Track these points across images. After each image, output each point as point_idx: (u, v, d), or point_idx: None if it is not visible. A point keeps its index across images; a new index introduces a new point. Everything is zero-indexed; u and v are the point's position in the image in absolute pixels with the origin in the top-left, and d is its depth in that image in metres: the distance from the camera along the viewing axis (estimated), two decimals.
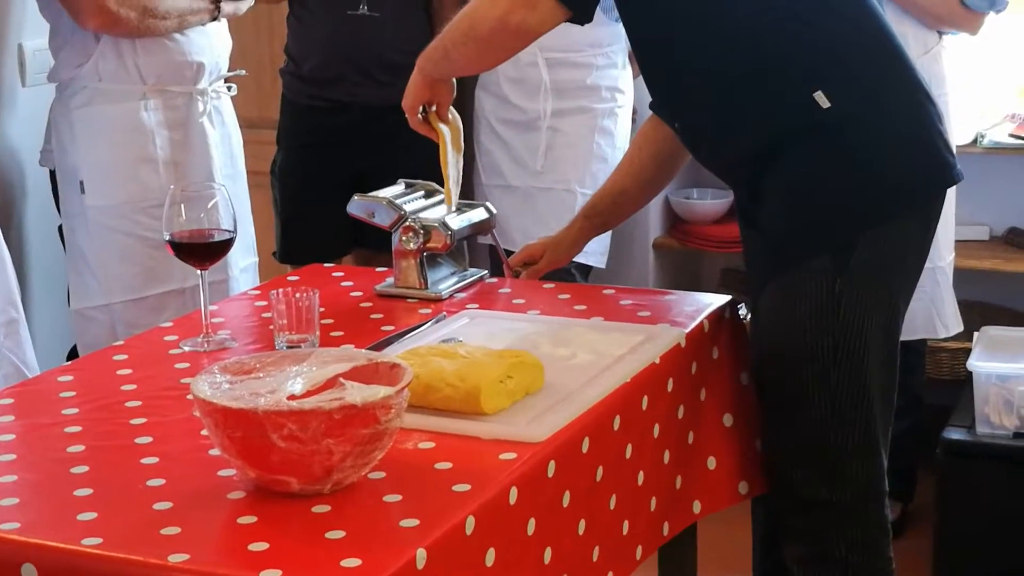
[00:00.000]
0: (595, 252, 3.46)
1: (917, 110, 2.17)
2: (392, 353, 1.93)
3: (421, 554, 1.46)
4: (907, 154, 2.15)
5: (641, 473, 2.00)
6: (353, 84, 3.39)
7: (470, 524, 1.54)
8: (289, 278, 2.54)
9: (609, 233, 3.48)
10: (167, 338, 2.18)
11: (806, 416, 2.18)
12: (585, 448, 1.81)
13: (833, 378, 2.15)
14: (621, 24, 2.27)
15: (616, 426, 1.90)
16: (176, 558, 1.45)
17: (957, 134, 3.23)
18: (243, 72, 3.15)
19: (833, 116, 2.09)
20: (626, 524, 1.96)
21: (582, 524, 1.82)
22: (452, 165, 2.39)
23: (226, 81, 3.08)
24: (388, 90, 3.42)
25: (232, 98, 3.13)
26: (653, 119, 2.45)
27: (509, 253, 3.55)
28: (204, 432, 1.64)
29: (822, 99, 2.09)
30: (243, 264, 3.11)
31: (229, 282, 3.02)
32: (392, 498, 1.57)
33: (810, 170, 2.13)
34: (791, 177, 2.14)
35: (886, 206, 2.14)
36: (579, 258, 3.40)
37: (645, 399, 1.99)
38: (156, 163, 2.91)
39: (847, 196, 2.13)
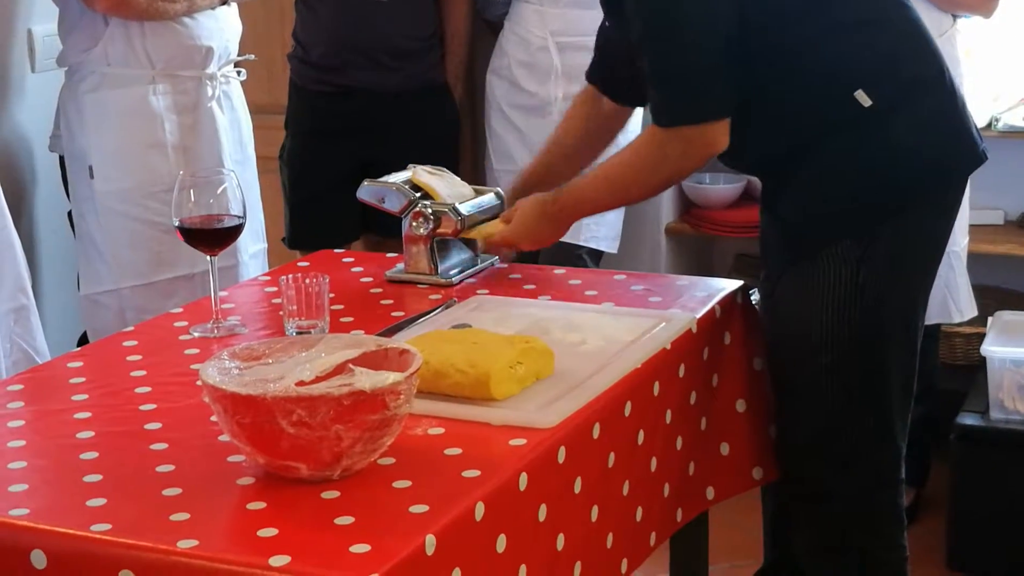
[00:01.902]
0: (606, 237, 3.45)
1: (948, 100, 2.19)
2: (402, 339, 1.93)
3: (430, 540, 1.46)
4: (937, 144, 2.17)
5: (654, 459, 2.00)
6: (360, 70, 3.38)
7: (480, 510, 1.54)
8: (299, 264, 2.54)
9: (621, 218, 3.48)
10: (177, 324, 2.18)
11: (821, 404, 2.18)
12: (596, 434, 1.81)
13: (850, 367, 2.15)
14: None
15: (627, 412, 1.90)
16: (185, 544, 1.45)
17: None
18: (252, 57, 3.15)
19: (872, 113, 2.11)
20: (640, 510, 1.96)
21: (595, 510, 1.82)
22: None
23: (236, 66, 3.08)
24: (396, 76, 3.43)
25: (242, 83, 3.13)
26: (584, 94, 2.46)
27: None
28: (213, 418, 1.64)
29: (863, 98, 2.11)
30: (252, 250, 3.11)
31: (238, 268, 3.02)
32: (401, 484, 1.58)
33: (842, 160, 2.14)
34: (822, 167, 2.15)
35: (914, 194, 2.15)
36: (590, 243, 3.41)
37: (656, 385, 1.99)
38: (165, 148, 2.91)
39: (877, 185, 2.14)
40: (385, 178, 2.43)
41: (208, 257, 2.11)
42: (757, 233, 2.34)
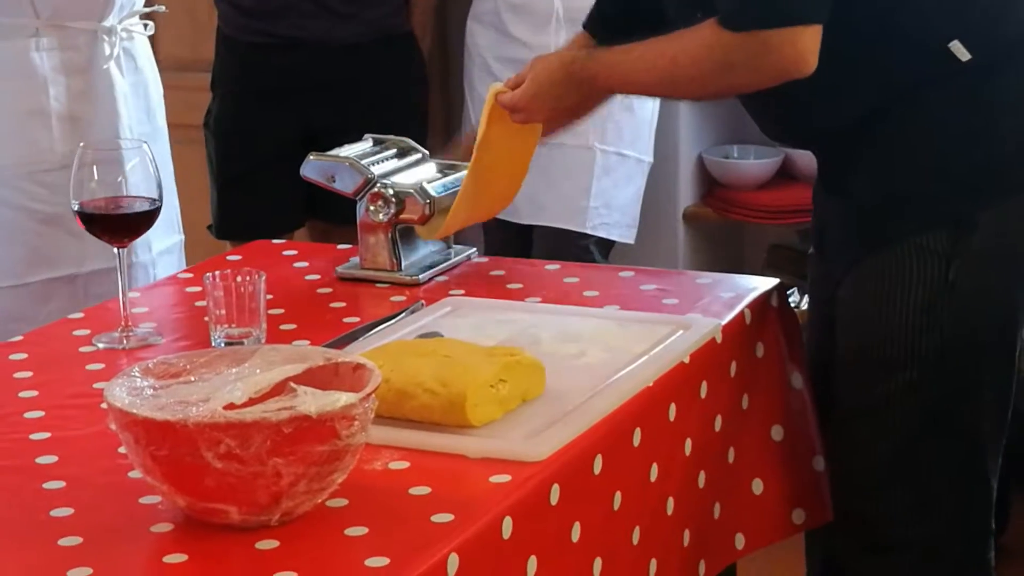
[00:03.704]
0: (620, 224, 3.46)
1: None
2: (356, 351, 1.93)
3: None
4: None
5: (670, 500, 2.00)
6: (306, 16, 3.39)
7: (453, 564, 1.54)
8: (229, 258, 2.54)
9: (639, 202, 3.48)
10: (76, 332, 2.18)
11: (896, 430, 2.19)
12: (597, 469, 1.81)
13: (936, 386, 2.16)
14: None
15: (636, 442, 1.90)
16: None
17: None
18: (162, 8, 3.13)
19: (971, 70, 2.11)
20: (653, 563, 1.96)
21: (598, 564, 1.82)
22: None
23: (142, 17, 3.06)
24: (349, 24, 3.43)
25: (156, 36, 3.11)
26: (577, 42, 2.45)
27: (506, 230, 3.58)
28: (122, 450, 1.64)
29: (960, 50, 2.10)
30: (163, 245, 3.08)
31: (145, 268, 3.00)
32: (356, 531, 1.58)
33: (931, 128, 2.15)
34: (906, 136, 2.16)
35: (1022, 172, 2.15)
36: (600, 232, 3.42)
37: (673, 408, 1.99)
38: (49, 117, 2.89)
39: (976, 159, 2.14)
40: (336, 151, 2.43)
41: (115, 250, 2.11)
42: (795, 219, 2.36)
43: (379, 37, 3.47)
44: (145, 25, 3.06)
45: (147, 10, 3.06)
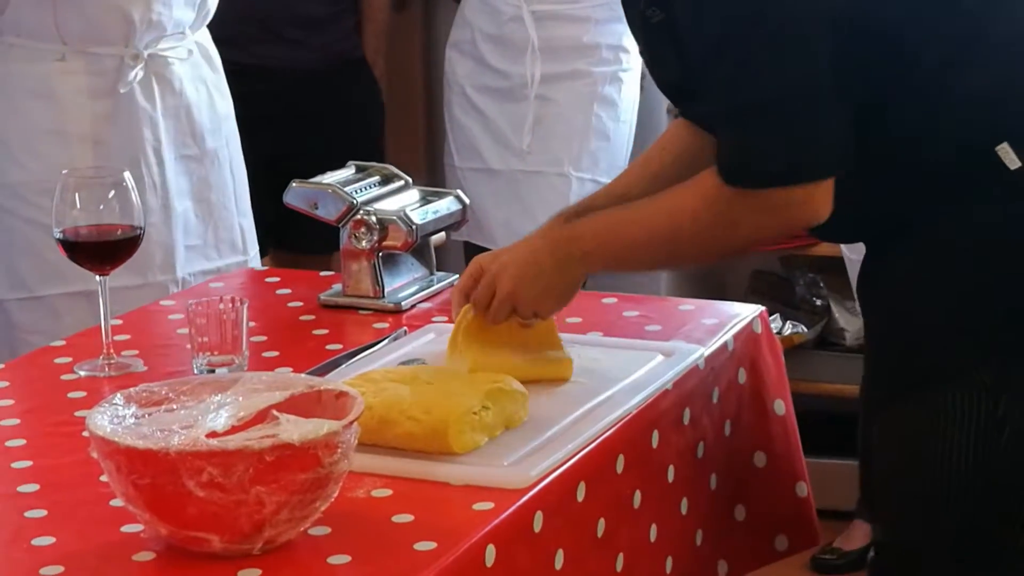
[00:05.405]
0: None
1: None
2: (339, 379, 1.93)
3: None
4: None
5: (653, 527, 2.00)
6: (257, 44, 3.39)
7: None
8: (211, 284, 2.54)
9: None
10: (58, 360, 2.17)
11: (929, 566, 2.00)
12: (581, 496, 1.81)
13: (988, 519, 1.95)
14: None
15: (620, 468, 1.90)
16: None
17: None
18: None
19: (1019, 180, 1.89)
20: None
21: None
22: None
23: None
24: (300, 50, 3.44)
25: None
26: (681, 123, 2.23)
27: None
28: (103, 478, 1.64)
29: (1008, 155, 1.89)
30: (213, 265, 3.04)
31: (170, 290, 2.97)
32: (338, 560, 1.57)
33: (971, 244, 1.93)
34: (939, 249, 1.94)
35: None
36: None
37: (656, 435, 1.99)
38: (70, 137, 2.90)
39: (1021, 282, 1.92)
40: (319, 178, 2.44)
41: (97, 277, 2.11)
42: (777, 246, 2.33)
43: (331, 63, 3.49)
44: (190, 51, 3.02)
45: (178, 32, 3.02)
